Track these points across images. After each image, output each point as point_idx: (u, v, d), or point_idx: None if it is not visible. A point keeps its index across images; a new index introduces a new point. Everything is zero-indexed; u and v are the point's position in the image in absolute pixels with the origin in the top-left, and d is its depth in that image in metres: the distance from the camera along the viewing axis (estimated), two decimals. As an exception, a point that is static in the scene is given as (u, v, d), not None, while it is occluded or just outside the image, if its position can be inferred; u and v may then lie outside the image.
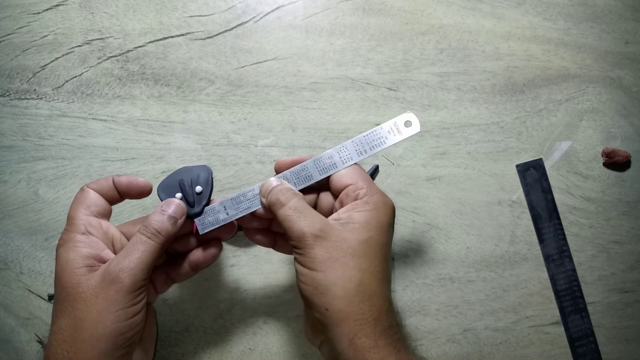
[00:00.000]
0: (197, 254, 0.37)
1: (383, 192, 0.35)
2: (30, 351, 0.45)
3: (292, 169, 0.37)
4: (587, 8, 0.51)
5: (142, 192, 0.37)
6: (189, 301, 0.45)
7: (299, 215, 0.33)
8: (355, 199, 0.34)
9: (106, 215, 0.36)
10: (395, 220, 0.47)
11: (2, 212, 0.46)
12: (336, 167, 0.36)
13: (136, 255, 0.32)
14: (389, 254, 0.34)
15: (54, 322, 0.32)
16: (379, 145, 0.37)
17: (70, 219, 0.34)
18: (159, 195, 0.37)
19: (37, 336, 0.45)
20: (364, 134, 0.37)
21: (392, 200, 0.35)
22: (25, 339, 0.45)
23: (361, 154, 0.37)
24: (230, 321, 0.45)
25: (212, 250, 0.37)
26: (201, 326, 0.45)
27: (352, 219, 0.33)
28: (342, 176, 0.35)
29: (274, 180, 0.36)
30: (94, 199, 0.35)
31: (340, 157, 0.36)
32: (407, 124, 0.37)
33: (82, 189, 0.36)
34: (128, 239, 0.36)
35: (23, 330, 0.45)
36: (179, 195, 0.37)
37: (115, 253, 0.35)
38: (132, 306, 0.32)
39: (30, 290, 0.45)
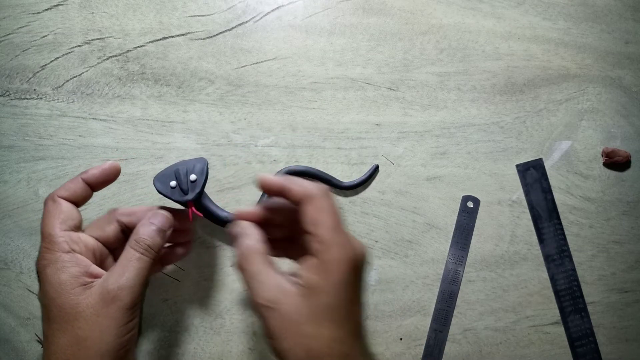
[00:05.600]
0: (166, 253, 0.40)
1: (344, 242, 0.31)
2: (30, 351, 0.45)
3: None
4: (587, 8, 0.51)
5: (115, 174, 0.37)
6: (189, 301, 0.45)
7: (253, 284, 0.33)
8: (311, 253, 0.32)
9: (80, 226, 0.36)
10: (396, 220, 0.47)
11: (2, 212, 0.46)
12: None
13: (133, 272, 0.33)
14: (347, 309, 0.32)
15: (52, 342, 0.32)
16: None
17: (49, 237, 0.33)
18: (154, 185, 0.38)
19: (37, 336, 0.45)
20: None
21: (357, 246, 0.32)
22: (25, 339, 0.45)
23: None
24: (230, 321, 0.45)
25: (180, 251, 0.41)
26: (201, 326, 0.45)
27: (305, 281, 0.32)
28: (305, 218, 0.33)
29: (244, 241, 0.34)
30: (68, 211, 0.34)
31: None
32: None
33: (52, 200, 0.35)
34: (104, 244, 0.37)
35: (23, 330, 0.45)
36: (173, 183, 0.37)
37: (97, 264, 0.35)
38: (131, 321, 0.33)
39: (30, 290, 0.45)
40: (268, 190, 0.34)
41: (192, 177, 0.37)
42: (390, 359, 0.46)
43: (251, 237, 0.34)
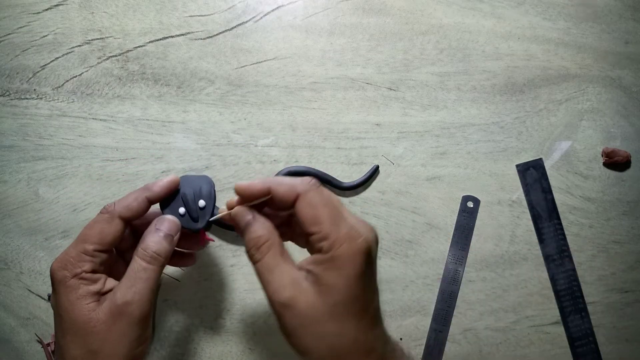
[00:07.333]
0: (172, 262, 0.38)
1: (350, 233, 0.30)
2: (30, 351, 0.45)
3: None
4: (587, 8, 0.51)
5: (175, 187, 0.36)
6: (189, 301, 0.45)
7: (268, 278, 0.31)
8: (320, 251, 0.31)
9: (115, 242, 0.35)
10: (396, 220, 0.47)
11: (2, 212, 0.46)
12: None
13: (140, 285, 0.32)
14: (366, 299, 0.32)
15: (66, 352, 0.32)
16: None
17: (82, 251, 0.32)
18: (161, 208, 0.37)
19: (37, 336, 0.45)
20: None
21: (364, 233, 0.31)
22: (25, 339, 0.45)
23: None
24: (230, 321, 0.45)
25: (186, 262, 0.40)
26: (201, 326, 0.45)
27: (319, 279, 0.30)
28: (302, 219, 0.31)
29: (255, 229, 0.32)
30: (115, 233, 0.33)
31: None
32: None
33: (111, 217, 0.33)
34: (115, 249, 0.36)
35: (23, 330, 0.45)
36: (182, 210, 0.36)
37: (107, 271, 0.34)
38: (143, 333, 0.32)
39: (30, 290, 0.45)
40: (250, 197, 0.33)
41: (201, 203, 0.36)
42: (390, 359, 0.46)
43: (261, 224, 0.32)
